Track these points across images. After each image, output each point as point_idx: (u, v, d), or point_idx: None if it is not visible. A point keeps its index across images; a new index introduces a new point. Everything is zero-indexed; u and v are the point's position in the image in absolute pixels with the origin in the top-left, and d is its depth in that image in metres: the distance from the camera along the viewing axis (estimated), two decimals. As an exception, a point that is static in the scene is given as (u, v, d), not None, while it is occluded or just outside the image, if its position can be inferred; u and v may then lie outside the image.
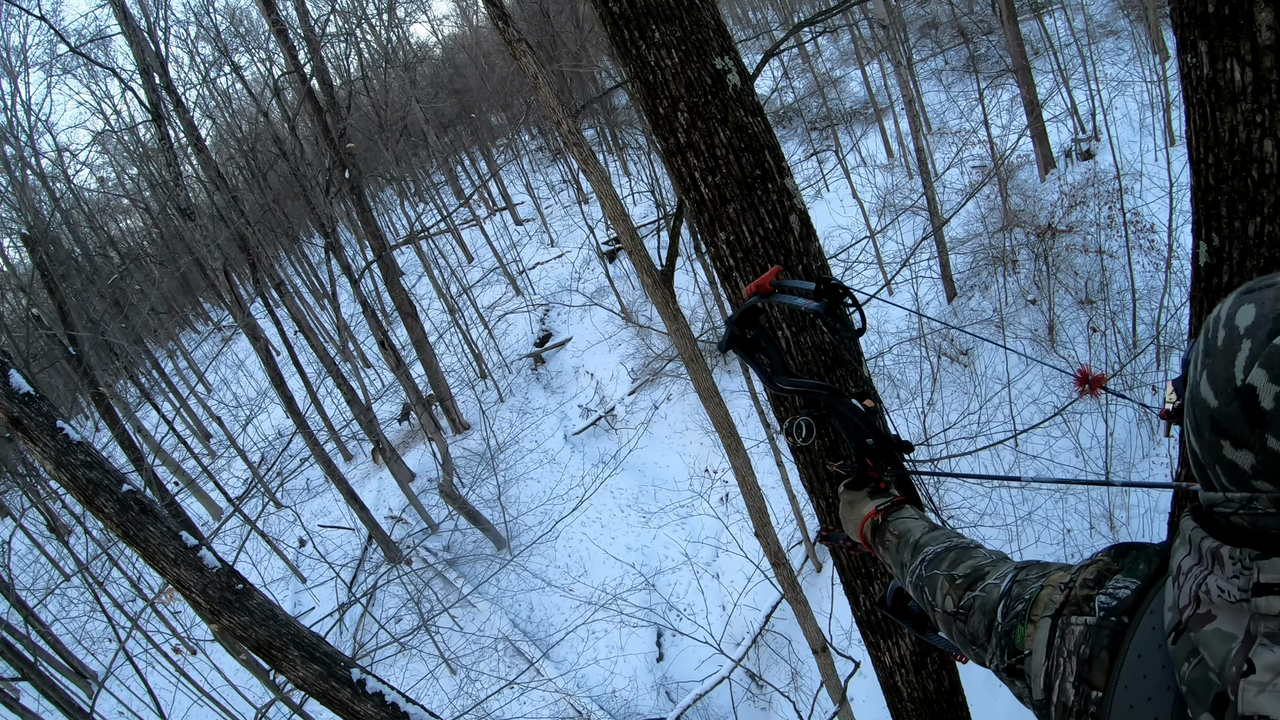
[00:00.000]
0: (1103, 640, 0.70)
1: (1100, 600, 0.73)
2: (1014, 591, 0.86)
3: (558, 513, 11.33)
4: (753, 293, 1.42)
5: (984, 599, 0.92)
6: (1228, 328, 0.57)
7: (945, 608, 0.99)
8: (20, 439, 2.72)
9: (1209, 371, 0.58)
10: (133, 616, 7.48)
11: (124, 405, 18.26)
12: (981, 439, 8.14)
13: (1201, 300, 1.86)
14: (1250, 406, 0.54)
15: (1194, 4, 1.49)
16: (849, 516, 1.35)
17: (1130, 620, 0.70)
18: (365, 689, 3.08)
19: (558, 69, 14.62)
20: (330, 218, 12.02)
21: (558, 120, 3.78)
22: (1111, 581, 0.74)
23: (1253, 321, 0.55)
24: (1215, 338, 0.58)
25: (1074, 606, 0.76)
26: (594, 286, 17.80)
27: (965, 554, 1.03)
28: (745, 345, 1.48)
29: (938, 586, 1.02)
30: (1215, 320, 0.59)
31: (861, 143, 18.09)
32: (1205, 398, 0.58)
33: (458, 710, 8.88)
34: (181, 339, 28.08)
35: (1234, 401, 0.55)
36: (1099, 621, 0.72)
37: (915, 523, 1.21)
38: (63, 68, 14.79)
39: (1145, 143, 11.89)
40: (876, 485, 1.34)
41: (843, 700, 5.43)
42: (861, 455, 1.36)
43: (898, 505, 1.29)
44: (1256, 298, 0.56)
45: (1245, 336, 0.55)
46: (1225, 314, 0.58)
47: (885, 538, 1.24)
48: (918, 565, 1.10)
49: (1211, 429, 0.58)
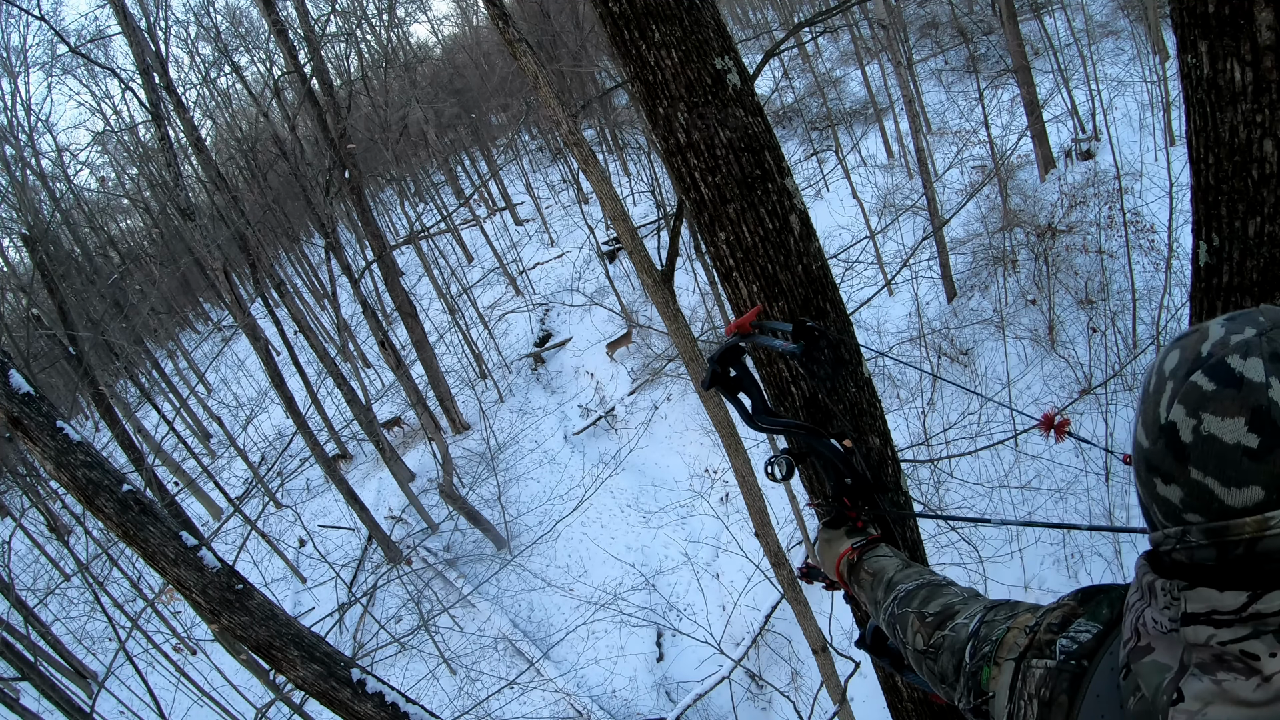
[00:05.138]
0: (1062, 684, 0.71)
1: (1061, 644, 0.74)
2: (981, 632, 0.87)
3: (558, 513, 11.33)
4: (733, 332, 1.44)
5: (953, 638, 0.93)
6: (1157, 374, 0.60)
7: (916, 645, 1.00)
8: (20, 439, 2.72)
9: (1142, 416, 0.61)
10: (133, 616, 7.49)
11: (124, 405, 18.27)
12: (981, 439, 8.14)
13: (1201, 300, 1.86)
14: (1173, 442, 0.57)
15: (1194, 4, 1.49)
16: (826, 555, 1.37)
17: (1090, 663, 0.71)
18: (365, 689, 3.08)
19: (558, 69, 14.63)
20: (330, 218, 12.02)
21: (558, 120, 3.78)
22: (1075, 625, 0.75)
23: (1175, 364, 0.58)
24: (1149, 384, 0.61)
25: (1036, 650, 0.77)
26: (594, 286, 17.80)
27: (936, 592, 1.05)
28: (727, 384, 1.49)
29: (909, 624, 1.03)
30: (1149, 370, 0.62)
31: (861, 143, 18.09)
32: (1140, 440, 0.61)
33: (458, 710, 8.88)
34: (181, 339, 28.08)
35: (1160, 439, 0.58)
36: (1059, 665, 0.73)
37: (889, 560, 1.23)
38: (63, 68, 14.79)
39: (1145, 143, 11.89)
40: (854, 524, 1.36)
41: (843, 700, 5.43)
42: (839, 494, 1.37)
43: (873, 544, 1.30)
44: (1182, 344, 0.59)
45: (1169, 378, 0.58)
46: (1157, 362, 0.61)
47: (860, 576, 1.25)
48: (890, 603, 1.11)
49: (1146, 469, 0.61)
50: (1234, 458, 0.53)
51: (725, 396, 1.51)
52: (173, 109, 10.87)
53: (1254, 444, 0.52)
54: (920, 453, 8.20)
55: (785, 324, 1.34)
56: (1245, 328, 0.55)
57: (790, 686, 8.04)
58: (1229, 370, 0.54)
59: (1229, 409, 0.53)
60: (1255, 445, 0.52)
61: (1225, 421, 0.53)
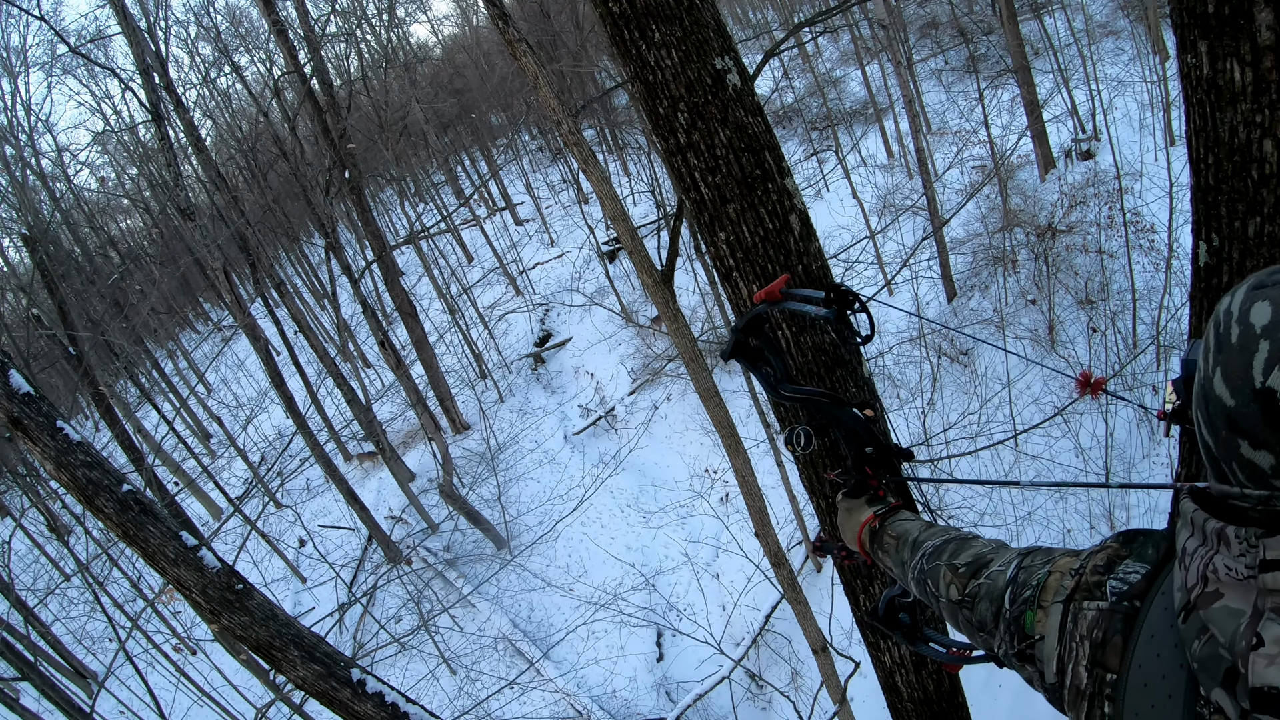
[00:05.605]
0: (1116, 624, 0.71)
1: (1111, 585, 0.74)
2: (1020, 578, 0.87)
3: (558, 513, 11.33)
4: (762, 299, 1.43)
5: (990, 586, 0.93)
6: (1242, 324, 0.56)
7: (950, 597, 1.00)
8: (20, 439, 2.72)
9: (1223, 369, 0.57)
10: (133, 616, 7.49)
11: (124, 405, 18.27)
12: (982, 439, 8.14)
13: (1201, 300, 1.86)
14: (1270, 410, 0.54)
15: (1194, 4, 1.49)
16: (847, 524, 1.36)
17: (1142, 604, 0.71)
18: (365, 689, 3.08)
19: (558, 69, 14.62)
20: (330, 218, 12.02)
21: (558, 120, 3.78)
22: (1121, 567, 0.75)
23: (1269, 321, 0.54)
24: (1229, 333, 0.57)
25: (1085, 592, 0.76)
26: (594, 286, 17.79)
27: (965, 544, 1.04)
28: (749, 353, 1.49)
29: (940, 577, 1.03)
30: (1227, 315, 0.58)
31: (861, 143, 18.09)
32: (1220, 395, 0.58)
33: (458, 710, 8.88)
34: (181, 339, 28.07)
35: (1253, 403, 0.55)
36: (1111, 606, 0.73)
37: (912, 524, 1.22)
38: (63, 68, 14.78)
39: (1145, 143, 11.88)
40: (875, 493, 1.35)
41: (843, 700, 5.43)
42: (860, 464, 1.37)
43: (894, 510, 1.30)
44: (1271, 295, 0.55)
45: (1263, 336, 0.54)
46: (1238, 309, 0.57)
47: (884, 541, 1.25)
48: (918, 560, 1.11)
49: (1228, 427, 0.58)
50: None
51: (747, 365, 1.50)
52: (173, 109, 10.87)
53: None
54: (920, 453, 8.20)
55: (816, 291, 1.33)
56: None
57: (790, 686, 8.04)
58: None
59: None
60: None
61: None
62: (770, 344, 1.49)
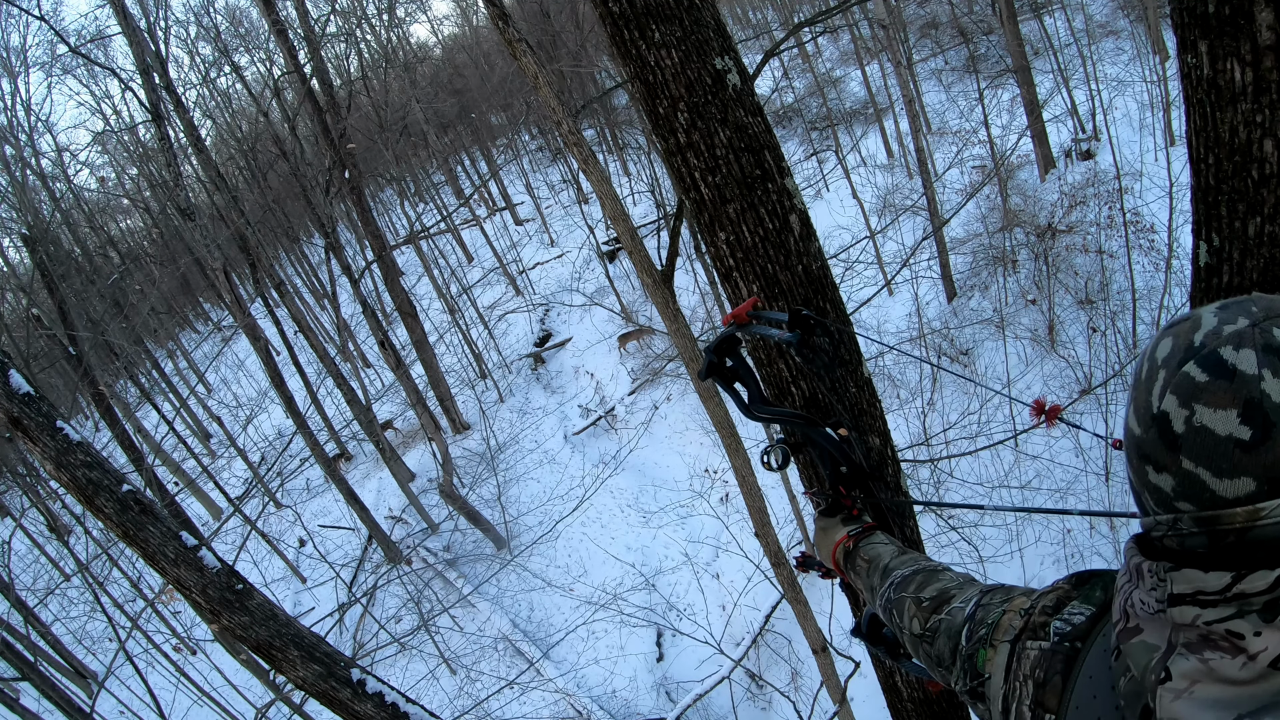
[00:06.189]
0: (1057, 665, 0.73)
1: (1056, 626, 0.76)
2: (977, 616, 0.88)
3: (558, 513, 11.33)
4: (730, 322, 1.44)
5: (949, 622, 0.94)
6: (1149, 361, 0.60)
7: (913, 630, 1.01)
8: (20, 439, 2.72)
9: (1134, 403, 0.61)
10: (133, 616, 7.49)
11: (124, 405, 18.26)
12: (982, 439, 8.14)
13: (1201, 300, 1.86)
14: (1165, 432, 0.57)
15: (1194, 4, 1.49)
16: (822, 543, 1.37)
17: (1084, 645, 0.72)
18: (365, 689, 3.08)
19: (558, 69, 14.62)
20: (330, 218, 12.02)
21: (558, 120, 3.78)
22: (1069, 608, 0.77)
23: (1168, 353, 0.58)
24: (1140, 371, 0.61)
25: (1031, 632, 0.78)
26: (594, 286, 17.79)
27: (932, 577, 1.06)
28: (723, 374, 1.49)
29: (905, 609, 1.04)
30: (1141, 356, 0.63)
31: (861, 143, 18.09)
32: (1131, 427, 0.62)
33: (458, 710, 8.88)
34: (181, 339, 28.07)
35: (1152, 428, 0.58)
36: (1053, 646, 0.74)
37: (885, 547, 1.24)
38: (63, 68, 14.79)
39: (1145, 143, 11.89)
40: (849, 512, 1.36)
41: (843, 700, 5.43)
42: (835, 483, 1.37)
43: (869, 531, 1.31)
44: (1174, 331, 0.59)
45: (1161, 367, 0.58)
46: (1149, 349, 0.61)
47: (856, 563, 1.26)
48: (887, 588, 1.12)
49: (1138, 456, 0.61)
50: (1226, 450, 0.53)
51: (721, 386, 1.51)
52: (173, 109, 10.87)
53: (1246, 436, 0.52)
54: (920, 453, 8.20)
55: (781, 314, 1.34)
56: (1238, 317, 0.55)
57: (790, 686, 8.04)
58: (1221, 361, 0.54)
59: (1221, 401, 0.53)
60: (1247, 438, 0.52)
61: (1217, 413, 0.54)
62: (744, 365, 1.49)
